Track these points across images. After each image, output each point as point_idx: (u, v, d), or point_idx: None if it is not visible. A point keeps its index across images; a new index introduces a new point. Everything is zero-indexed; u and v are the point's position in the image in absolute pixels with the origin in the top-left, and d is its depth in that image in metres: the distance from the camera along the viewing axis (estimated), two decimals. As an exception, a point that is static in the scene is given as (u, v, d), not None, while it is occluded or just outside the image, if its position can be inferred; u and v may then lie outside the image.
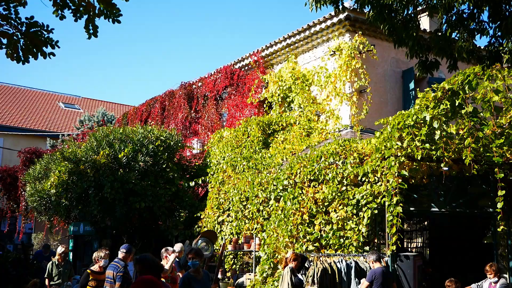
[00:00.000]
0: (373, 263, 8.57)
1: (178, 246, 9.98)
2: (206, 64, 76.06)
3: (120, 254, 8.38)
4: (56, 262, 9.88)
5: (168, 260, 8.90)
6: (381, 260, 8.78)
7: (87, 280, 8.51)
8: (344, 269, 8.97)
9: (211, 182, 13.98)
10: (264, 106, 16.33)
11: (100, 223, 14.29)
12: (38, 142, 25.98)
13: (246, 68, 17.72)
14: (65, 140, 20.67)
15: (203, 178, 14.35)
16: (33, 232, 23.21)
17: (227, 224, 12.82)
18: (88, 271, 8.69)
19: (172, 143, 14.76)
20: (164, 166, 14.23)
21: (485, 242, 12.10)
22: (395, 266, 9.51)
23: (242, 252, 12.00)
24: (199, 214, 13.71)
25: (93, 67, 75.34)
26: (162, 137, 14.55)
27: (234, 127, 15.86)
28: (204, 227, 13.20)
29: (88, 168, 13.41)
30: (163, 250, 9.10)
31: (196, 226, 13.63)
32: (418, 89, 10.63)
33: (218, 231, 12.85)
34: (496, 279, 7.85)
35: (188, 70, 77.77)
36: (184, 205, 14.41)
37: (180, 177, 14.80)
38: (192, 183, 14.39)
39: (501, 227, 9.36)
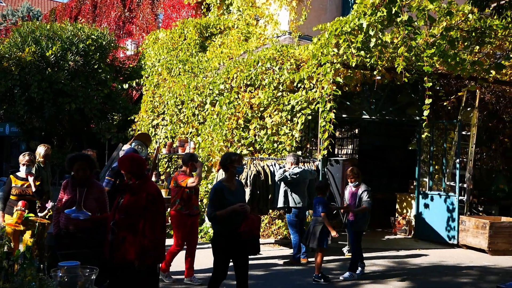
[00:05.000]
0: (291, 165, 8.64)
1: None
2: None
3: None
4: (42, 165, 7.76)
5: (192, 168, 7.23)
6: (299, 163, 8.88)
7: (10, 187, 6.93)
8: (277, 172, 9.20)
9: (145, 85, 13.65)
10: (202, 8, 15.71)
11: (27, 124, 13.81)
12: (-44, 37, 24.08)
13: (184, -35, 16.78)
14: (-13, 36, 19.26)
15: (137, 80, 13.96)
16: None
17: (162, 128, 12.72)
18: (11, 176, 7.11)
19: (104, 42, 14.14)
20: (95, 66, 13.70)
21: (410, 148, 12.76)
22: (325, 169, 9.90)
23: (176, 156, 12.04)
24: (133, 117, 13.48)
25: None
26: (93, 36, 13.88)
27: (170, 29, 15.29)
28: (138, 130, 13.05)
29: (12, 66, 12.72)
30: (187, 155, 7.36)
31: (129, 129, 13.45)
32: (358, -4, 10.50)
33: (153, 134, 12.75)
34: (357, 183, 7.83)
35: (122, -33, 72.87)
36: (117, 108, 14.11)
37: (113, 79, 14.34)
38: (125, 86, 13.99)
39: (425, 134, 9.87)
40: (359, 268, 7.72)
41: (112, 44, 14.67)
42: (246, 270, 5.39)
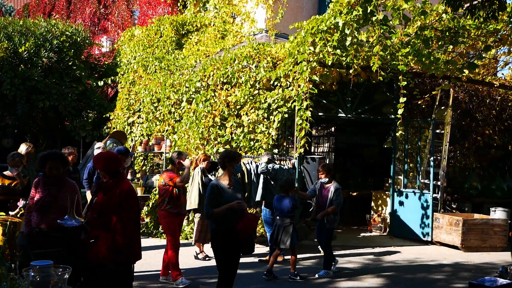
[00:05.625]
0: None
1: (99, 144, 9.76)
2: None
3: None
4: (24, 163, 7.44)
5: (180, 166, 7.21)
6: (274, 161, 9.07)
7: None
8: (253, 170, 9.21)
9: (121, 82, 13.50)
10: (178, 5, 15.62)
11: (-1, 121, 13.53)
12: None
13: (160, -38, 16.66)
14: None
15: (112, 77, 13.79)
16: None
17: (138, 126, 12.60)
18: None
19: (79, 39, 13.92)
20: (70, 63, 13.47)
21: (385, 146, 12.89)
22: (302, 167, 9.95)
23: (152, 154, 11.95)
24: (108, 115, 13.32)
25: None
26: (67, 32, 13.65)
27: (146, 26, 15.17)
28: (114, 128, 12.90)
29: (-17, 62, 12.42)
30: (175, 154, 7.23)
31: (105, 127, 13.29)
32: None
33: (128, 132, 12.62)
34: (327, 179, 7.71)
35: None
36: (92, 105, 13.90)
37: (88, 76, 14.13)
38: (101, 83, 13.81)
39: (400, 132, 9.98)
40: (333, 265, 7.78)
41: (87, 41, 14.46)
42: (236, 269, 5.41)
